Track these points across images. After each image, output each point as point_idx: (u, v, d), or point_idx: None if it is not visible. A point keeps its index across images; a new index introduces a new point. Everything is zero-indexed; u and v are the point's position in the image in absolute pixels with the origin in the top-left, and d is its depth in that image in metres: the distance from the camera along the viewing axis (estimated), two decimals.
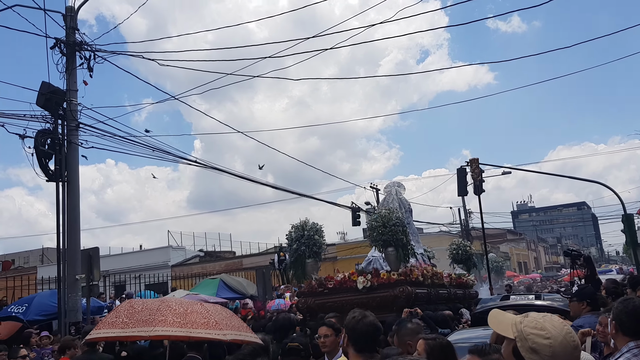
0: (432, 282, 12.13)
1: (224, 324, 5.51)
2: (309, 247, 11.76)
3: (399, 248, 11.33)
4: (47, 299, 14.31)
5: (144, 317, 5.18)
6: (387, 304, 10.38)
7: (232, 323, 5.72)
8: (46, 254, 43.57)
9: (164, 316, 5.27)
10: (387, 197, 14.53)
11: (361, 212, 32.86)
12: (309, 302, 11.31)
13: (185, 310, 5.49)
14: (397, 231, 11.28)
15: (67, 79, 13.32)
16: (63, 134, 13.16)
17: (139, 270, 28.40)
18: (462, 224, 38.89)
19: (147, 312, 5.26)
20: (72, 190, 13.21)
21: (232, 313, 6.45)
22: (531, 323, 2.08)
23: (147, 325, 5.14)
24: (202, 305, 5.83)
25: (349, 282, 11.13)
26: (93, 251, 13.19)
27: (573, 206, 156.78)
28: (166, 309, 5.35)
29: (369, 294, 10.77)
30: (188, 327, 5.25)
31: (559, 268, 68.00)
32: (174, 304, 5.60)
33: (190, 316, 5.38)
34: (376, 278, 10.95)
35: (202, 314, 5.50)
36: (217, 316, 5.58)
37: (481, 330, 7.28)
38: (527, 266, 63.45)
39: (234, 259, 41.31)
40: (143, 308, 5.38)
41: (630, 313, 3.41)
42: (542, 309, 7.91)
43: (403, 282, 10.81)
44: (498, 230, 53.83)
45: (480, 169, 17.11)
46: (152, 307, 5.40)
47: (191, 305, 5.72)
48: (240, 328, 5.81)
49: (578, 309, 5.93)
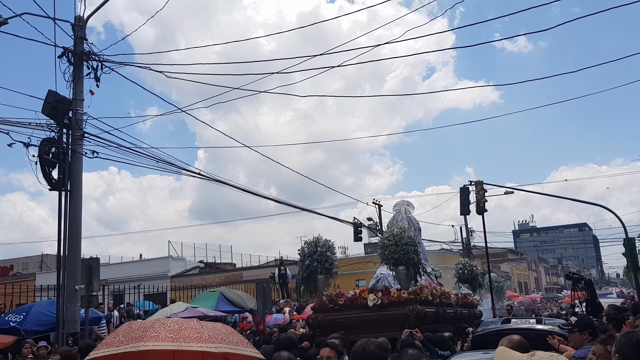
0: (440, 302, 12.37)
1: (219, 338, 5.50)
2: (321, 263, 12.05)
3: (410, 267, 11.59)
4: (45, 308, 14.23)
5: (137, 334, 5.16)
6: (397, 322, 10.44)
7: (229, 338, 5.69)
8: (45, 261, 43.46)
9: (156, 332, 5.30)
10: (396, 216, 14.83)
11: (363, 227, 32.79)
12: (319, 317, 11.49)
13: (180, 327, 5.51)
14: (409, 250, 11.54)
15: (73, 88, 13.35)
16: (68, 143, 13.16)
17: (139, 280, 28.34)
18: (464, 243, 38.77)
19: (141, 330, 5.25)
20: (75, 199, 13.19)
21: (232, 330, 6.44)
22: None
23: (138, 341, 5.11)
24: (198, 322, 5.85)
25: (360, 299, 11.32)
26: (93, 261, 13.14)
27: (574, 227, 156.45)
28: (160, 326, 5.38)
29: (379, 311, 10.98)
30: (180, 342, 5.23)
31: (560, 289, 67.66)
32: (169, 322, 5.62)
33: (184, 332, 5.39)
34: (387, 296, 11.24)
35: (197, 329, 5.51)
36: (212, 331, 5.59)
37: (481, 354, 7.23)
38: (527, 286, 63.12)
39: (234, 271, 41.17)
40: (139, 327, 5.37)
41: (634, 346, 3.42)
42: (542, 333, 7.85)
43: (413, 301, 11.02)
44: (499, 250, 53.62)
45: (484, 190, 17.19)
46: (146, 325, 5.41)
47: (186, 322, 5.74)
48: (239, 343, 5.79)
49: (580, 340, 5.91)
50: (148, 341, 5.05)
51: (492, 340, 8.20)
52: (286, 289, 26.94)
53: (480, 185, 16.19)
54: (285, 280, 26.70)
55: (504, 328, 8.89)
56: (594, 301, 12.87)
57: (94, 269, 12.84)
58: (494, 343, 7.29)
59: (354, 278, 29.76)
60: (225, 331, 6.00)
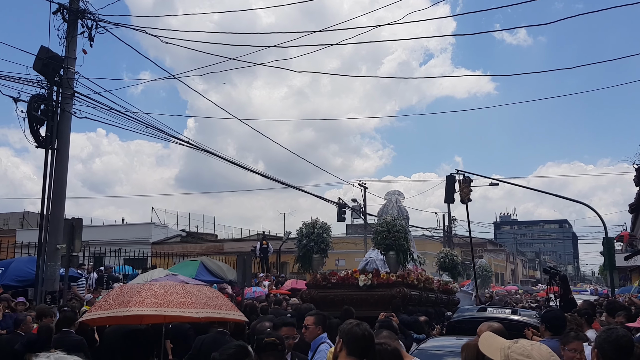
0: (424, 286, 13.23)
1: (202, 303, 5.72)
2: (318, 243, 12.86)
3: (399, 252, 12.33)
4: (24, 265, 14.20)
5: (125, 299, 5.41)
6: (384, 302, 11.18)
7: (213, 302, 5.96)
8: (27, 218, 43.20)
9: (142, 297, 5.50)
10: (387, 204, 15.34)
11: (347, 208, 32.94)
12: (312, 293, 12.28)
13: (165, 292, 5.66)
14: (400, 237, 12.30)
15: (66, 46, 13.19)
16: (57, 101, 13.03)
17: (120, 245, 28.30)
18: (445, 230, 39.12)
19: (129, 294, 5.49)
20: (61, 158, 13.11)
21: (218, 294, 6.60)
22: (519, 350, 2.12)
23: (125, 306, 5.36)
24: (183, 287, 5.96)
25: (351, 279, 12.17)
26: (76, 222, 13.08)
27: (555, 223, 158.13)
28: (147, 291, 5.54)
29: (369, 291, 11.77)
30: (163, 307, 5.48)
31: (535, 282, 68.65)
32: (156, 287, 5.76)
33: (169, 297, 5.58)
34: (376, 277, 11.98)
35: (181, 294, 5.71)
36: (196, 297, 5.78)
37: (454, 340, 7.39)
38: (504, 278, 63.96)
39: (216, 242, 41.24)
40: (128, 291, 5.65)
41: (613, 342, 3.45)
42: (517, 324, 8.01)
43: (400, 284, 11.83)
44: (479, 240, 54.20)
45: (470, 188, 17.47)
46: (134, 289, 5.66)
47: (172, 287, 5.87)
48: (223, 307, 6.04)
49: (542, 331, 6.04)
50: (134, 306, 5.30)
51: (466, 327, 8.36)
52: (267, 263, 27.08)
53: (467, 184, 16.44)
54: (267, 254, 26.82)
55: (479, 316, 9.02)
56: (567, 296, 13.07)
57: (76, 230, 12.79)
58: (468, 330, 7.45)
59: (334, 258, 29.92)
60: (210, 295, 6.14)
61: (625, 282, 34.96)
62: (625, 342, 3.49)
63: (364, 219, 36.43)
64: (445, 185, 22.26)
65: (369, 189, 36.35)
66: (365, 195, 36.08)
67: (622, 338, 3.51)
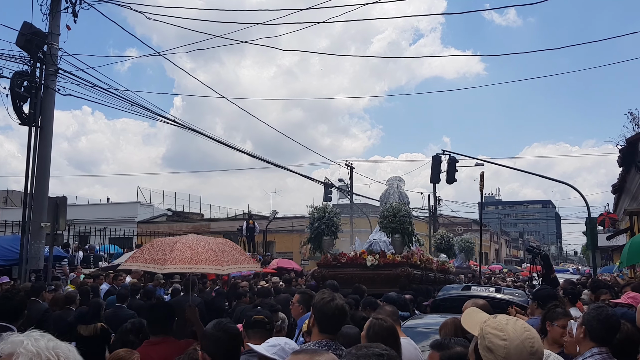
0: (425, 266, 14.30)
1: (227, 259, 6.42)
2: (328, 226, 14.06)
3: (404, 235, 13.44)
4: (8, 243, 14.05)
5: (159, 256, 6.09)
6: (390, 281, 12.07)
7: (235, 258, 6.64)
8: (10, 197, 42.76)
9: (182, 255, 6.08)
10: (388, 189, 16.16)
11: (334, 188, 32.99)
12: (323, 272, 13.16)
13: (202, 249, 6.30)
14: (405, 221, 13.43)
15: (50, 21, 12.94)
16: (41, 78, 12.82)
17: (105, 223, 28.17)
18: (431, 210, 39.34)
19: (162, 252, 6.14)
20: (45, 136, 12.94)
21: (236, 246, 7.31)
22: (493, 323, 2.16)
23: (161, 264, 6.01)
24: (209, 243, 6.58)
25: (359, 259, 13.08)
26: (60, 200, 12.98)
27: (539, 203, 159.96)
28: (186, 249, 6.15)
29: (376, 270, 12.67)
30: (200, 264, 6.13)
31: (519, 262, 69.55)
32: (194, 244, 6.33)
33: (205, 254, 6.22)
34: (383, 258, 12.91)
35: (215, 251, 6.38)
36: (226, 255, 6.48)
37: (438, 317, 7.47)
38: (487, 257, 64.71)
39: (202, 221, 41.22)
40: (160, 248, 6.29)
41: (602, 320, 3.53)
42: (502, 303, 8.11)
43: (405, 264, 12.79)
44: (464, 220, 54.64)
45: (455, 168, 17.91)
46: (167, 247, 6.22)
47: (206, 244, 6.49)
48: (242, 262, 6.85)
49: (532, 309, 6.12)
50: (169, 264, 5.95)
51: (451, 305, 8.46)
52: (253, 242, 27.11)
53: (453, 165, 16.77)
54: (253, 234, 26.84)
55: (464, 294, 9.12)
56: (549, 276, 13.26)
57: (61, 208, 12.70)
58: (452, 308, 7.55)
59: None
60: (234, 251, 6.89)
61: (607, 261, 35.52)
62: (614, 321, 3.60)
63: (350, 199, 36.54)
64: (431, 166, 22.36)
65: (355, 169, 36.44)
66: (351, 175, 36.20)
67: (612, 317, 3.61)
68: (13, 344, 1.47)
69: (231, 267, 6.47)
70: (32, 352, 1.45)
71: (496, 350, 2.08)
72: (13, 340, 1.48)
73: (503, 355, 2.06)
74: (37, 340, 1.49)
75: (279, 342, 3.06)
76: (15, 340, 1.48)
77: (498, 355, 2.07)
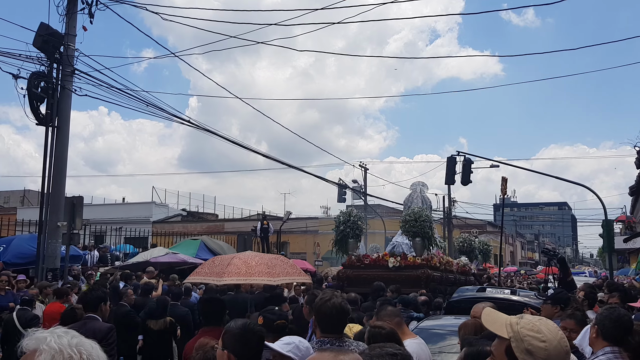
0: (445, 268, 14.94)
1: (277, 272, 7.10)
2: (353, 229, 14.92)
3: (425, 239, 14.13)
4: (26, 242, 14.24)
5: (218, 270, 6.94)
6: (410, 282, 12.53)
7: (286, 271, 7.32)
8: (27, 196, 43.25)
9: (237, 269, 6.89)
10: (412, 194, 16.81)
11: (347, 189, 32.94)
12: (348, 272, 13.89)
13: (256, 263, 7.04)
14: (425, 226, 14.09)
15: (66, 22, 13.06)
16: (57, 78, 12.95)
17: (120, 223, 28.34)
18: (445, 212, 39.14)
19: (220, 266, 6.99)
20: (62, 136, 13.07)
21: (287, 261, 8.12)
22: (528, 325, 2.12)
23: (219, 277, 6.86)
24: (271, 260, 7.50)
25: (382, 261, 13.81)
26: (77, 199, 13.10)
27: (554, 205, 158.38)
28: (242, 264, 6.95)
29: (397, 272, 13.20)
30: (254, 276, 6.88)
31: (534, 264, 68.89)
32: (249, 259, 7.22)
33: (258, 267, 6.91)
34: (404, 260, 13.55)
35: (267, 264, 7.11)
36: (278, 268, 7.18)
37: (453, 319, 7.42)
38: (502, 259, 64.25)
39: (216, 221, 41.38)
40: (219, 263, 7.17)
41: (615, 320, 3.62)
42: (517, 305, 8.04)
43: (425, 266, 13.38)
44: (479, 221, 54.28)
45: (470, 169, 18.01)
46: (225, 262, 7.10)
47: (259, 258, 7.35)
48: (292, 274, 7.55)
49: (550, 312, 6.04)
50: (226, 276, 6.78)
51: (465, 307, 8.40)
52: (267, 243, 27.13)
53: (468, 166, 16.88)
54: (267, 234, 26.85)
55: (479, 296, 9.05)
56: (565, 279, 13.11)
57: (77, 207, 12.82)
58: (467, 309, 7.49)
59: None
60: (285, 265, 7.61)
61: (623, 264, 35.12)
62: (626, 320, 3.68)
63: (364, 200, 36.47)
64: (446, 167, 22.23)
65: (369, 170, 36.35)
66: (365, 176, 36.12)
67: (624, 316, 3.70)
68: (37, 340, 1.49)
69: (282, 278, 7.14)
70: (55, 349, 1.46)
71: (537, 353, 2.05)
72: (37, 337, 1.50)
73: (544, 357, 2.05)
74: (60, 337, 1.50)
75: (294, 341, 3.08)
76: (39, 337, 1.50)
77: (538, 358, 2.05)
